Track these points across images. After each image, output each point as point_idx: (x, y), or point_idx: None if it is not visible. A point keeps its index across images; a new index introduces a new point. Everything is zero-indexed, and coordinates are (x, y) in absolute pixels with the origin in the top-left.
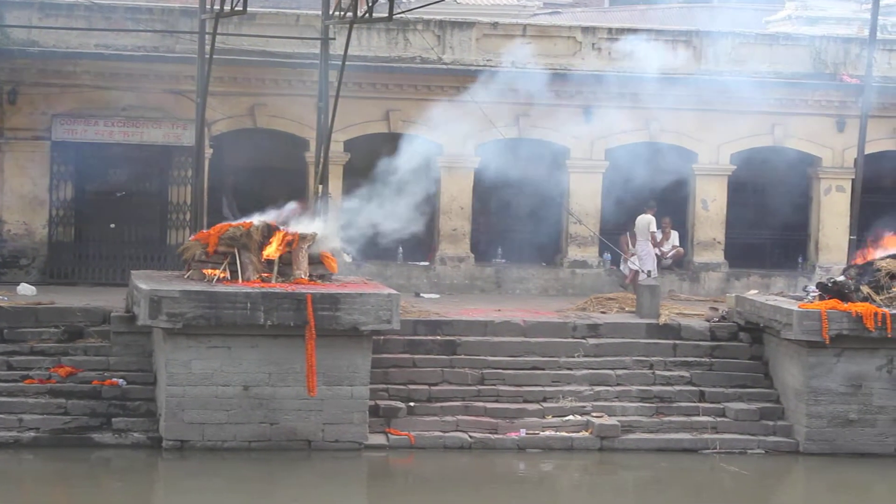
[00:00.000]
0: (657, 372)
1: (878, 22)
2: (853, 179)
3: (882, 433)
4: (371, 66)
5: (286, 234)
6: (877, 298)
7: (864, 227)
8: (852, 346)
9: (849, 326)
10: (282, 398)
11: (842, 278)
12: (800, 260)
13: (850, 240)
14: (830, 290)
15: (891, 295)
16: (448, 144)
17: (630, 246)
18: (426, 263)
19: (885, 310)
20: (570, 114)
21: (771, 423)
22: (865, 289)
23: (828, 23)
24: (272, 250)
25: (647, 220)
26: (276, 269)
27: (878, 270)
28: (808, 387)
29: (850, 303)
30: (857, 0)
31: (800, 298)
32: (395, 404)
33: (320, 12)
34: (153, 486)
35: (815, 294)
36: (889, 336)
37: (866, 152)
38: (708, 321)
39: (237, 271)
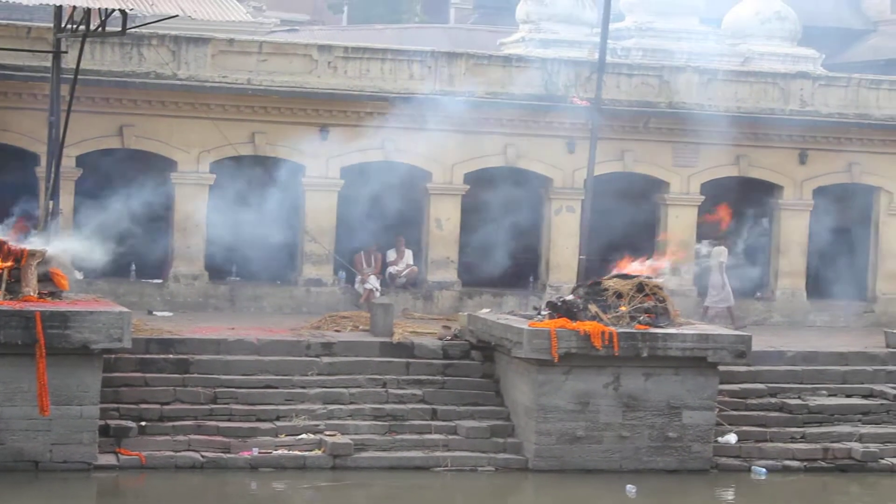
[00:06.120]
0: (390, 390)
1: (607, 46)
2: (583, 200)
3: (608, 449)
4: (104, 81)
5: (13, 250)
6: (604, 317)
7: (592, 248)
8: (580, 364)
9: (577, 345)
10: (8, 418)
11: (571, 297)
12: (531, 279)
13: (579, 259)
14: (560, 310)
15: (617, 314)
16: (182, 161)
17: (365, 265)
18: (160, 281)
19: (612, 328)
20: (306, 132)
21: (501, 440)
22: (593, 308)
23: (560, 46)
24: None
25: (719, 251)
26: (3, 286)
27: (606, 290)
28: (538, 404)
29: (578, 321)
30: (588, 24)
31: (530, 317)
32: (126, 424)
33: (52, 25)
34: None
35: (546, 313)
36: (616, 354)
37: (595, 174)
38: (441, 340)
39: None
